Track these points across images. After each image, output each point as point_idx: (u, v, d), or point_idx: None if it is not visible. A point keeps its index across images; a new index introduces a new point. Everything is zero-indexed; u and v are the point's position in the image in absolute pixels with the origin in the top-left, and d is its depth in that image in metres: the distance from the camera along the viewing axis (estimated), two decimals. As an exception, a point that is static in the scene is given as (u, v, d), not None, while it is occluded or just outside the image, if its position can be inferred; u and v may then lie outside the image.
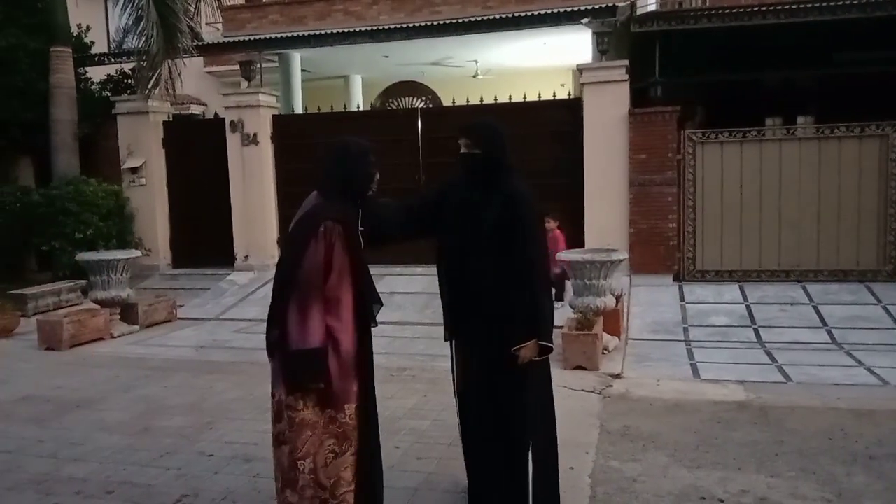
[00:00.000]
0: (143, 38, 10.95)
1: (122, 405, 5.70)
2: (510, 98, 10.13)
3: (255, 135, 10.92)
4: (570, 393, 5.71)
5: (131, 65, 12.44)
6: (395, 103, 17.36)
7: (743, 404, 5.42)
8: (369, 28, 12.13)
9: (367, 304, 3.08)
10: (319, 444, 2.96)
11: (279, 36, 12.76)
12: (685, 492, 3.91)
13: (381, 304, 3.22)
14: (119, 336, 8.40)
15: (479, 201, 3.36)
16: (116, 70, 13.09)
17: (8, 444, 4.83)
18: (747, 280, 9.03)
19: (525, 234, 3.29)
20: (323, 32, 12.40)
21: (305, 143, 10.29)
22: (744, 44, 9.95)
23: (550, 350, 3.23)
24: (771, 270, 9.05)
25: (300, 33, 12.66)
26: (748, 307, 8.29)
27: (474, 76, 16.02)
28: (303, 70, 14.34)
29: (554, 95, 10.29)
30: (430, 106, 15.85)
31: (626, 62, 9.54)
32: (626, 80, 9.47)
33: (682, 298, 8.70)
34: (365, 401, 3.07)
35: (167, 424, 5.17)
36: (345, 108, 12.70)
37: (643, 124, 9.37)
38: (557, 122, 9.88)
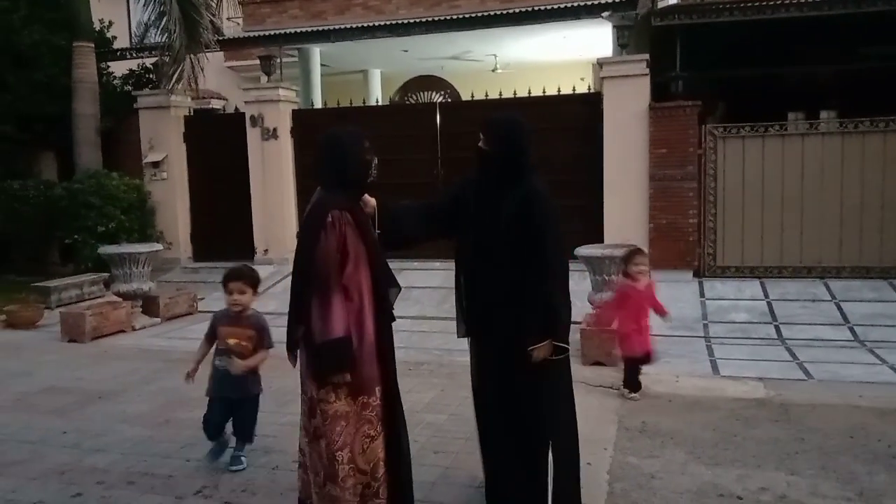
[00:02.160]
0: (166, 34, 11.03)
1: (143, 397, 5.77)
2: (529, 92, 10.11)
3: (274, 129, 10.97)
4: (588, 389, 5.70)
5: (153, 60, 12.55)
6: (414, 98, 17.35)
7: (763, 401, 5.37)
8: (388, 22, 12.13)
9: (384, 289, 3.10)
10: (355, 432, 3.00)
11: (299, 30, 12.79)
12: (703, 489, 3.90)
13: (399, 288, 3.25)
14: (140, 328, 8.50)
15: (495, 198, 3.34)
16: (138, 65, 13.21)
17: (32, 435, 4.90)
18: (768, 276, 8.94)
19: (541, 233, 3.25)
20: (342, 27, 12.41)
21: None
22: (766, 38, 9.84)
23: (566, 350, 3.19)
24: (792, 267, 8.96)
25: (320, 28, 12.68)
26: (769, 303, 8.22)
27: (493, 70, 15.97)
28: (322, 64, 14.37)
29: (573, 90, 10.22)
30: (449, 100, 15.84)
31: (647, 56, 9.46)
32: (646, 75, 9.40)
33: (702, 294, 8.64)
34: (390, 382, 3.11)
35: (188, 416, 5.22)
36: (364, 102, 12.68)
37: (664, 119, 9.30)
38: (577, 117, 9.83)
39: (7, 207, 11.27)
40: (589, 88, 10.84)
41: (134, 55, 13.17)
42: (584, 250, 6.93)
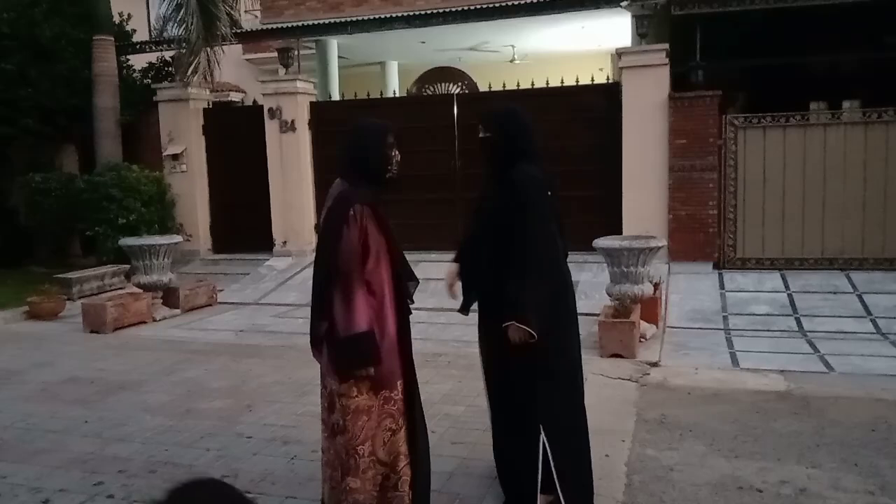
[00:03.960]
0: (183, 26, 11.08)
1: (164, 387, 5.82)
2: (547, 83, 10.04)
3: (292, 121, 11.01)
4: (606, 381, 5.68)
5: (172, 53, 12.60)
6: (431, 89, 17.33)
7: (783, 394, 5.33)
8: (406, 14, 12.10)
9: (404, 283, 3.11)
10: (377, 426, 3.00)
11: (316, 22, 12.80)
12: (722, 481, 3.87)
13: (418, 282, 3.26)
14: (161, 319, 8.58)
15: (490, 185, 3.52)
16: (157, 58, 13.27)
17: (55, 424, 4.97)
18: (789, 268, 8.85)
19: (520, 217, 3.29)
20: (360, 19, 12.40)
21: (342, 129, 10.29)
22: (788, 26, 9.70)
23: (533, 336, 3.16)
24: (814, 258, 8.86)
25: (337, 20, 12.68)
26: (790, 296, 8.14)
27: (511, 61, 15.90)
28: (339, 57, 14.38)
29: (592, 80, 10.15)
30: (466, 92, 15.79)
31: (666, 46, 9.37)
32: (665, 64, 9.31)
33: (721, 286, 8.57)
34: (410, 375, 3.12)
35: (208, 407, 5.27)
36: (381, 94, 12.70)
37: (683, 109, 9.22)
38: (595, 107, 9.77)
39: (30, 200, 11.40)
40: (608, 79, 10.78)
41: (153, 48, 13.21)
42: (602, 242, 6.89)
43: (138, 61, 13.41)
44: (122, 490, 3.86)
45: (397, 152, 3.16)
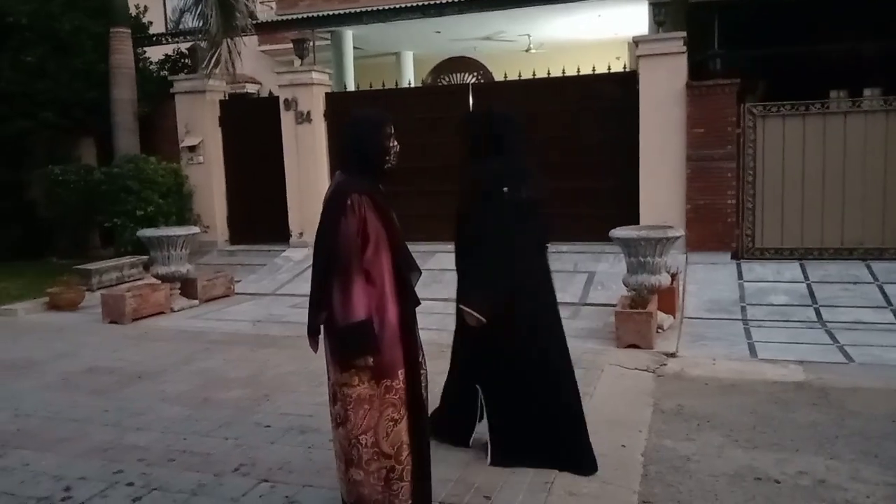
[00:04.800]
0: (202, 18, 11.11)
1: (182, 377, 5.87)
2: (563, 72, 9.99)
3: (308, 112, 11.02)
4: (623, 371, 5.66)
5: (188, 45, 12.65)
6: (447, 79, 17.28)
7: (802, 385, 5.29)
8: (421, 3, 12.06)
9: (406, 273, 3.11)
10: (379, 416, 3.00)
11: (332, 13, 12.79)
12: (740, 472, 3.85)
13: (420, 272, 3.27)
14: (179, 310, 8.64)
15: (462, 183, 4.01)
16: (174, 50, 13.33)
17: (75, 414, 5.03)
18: (808, 258, 8.76)
19: (476, 210, 3.70)
20: (375, 9, 12.38)
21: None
22: (807, 14, 9.57)
23: (474, 317, 3.56)
24: (833, 248, 8.76)
25: (352, 10, 12.67)
26: (809, 286, 8.06)
27: (527, 50, 15.82)
28: (355, 47, 14.37)
29: (608, 69, 10.08)
30: (482, 81, 15.74)
31: (684, 34, 9.27)
32: (683, 53, 9.22)
33: (740, 276, 8.50)
34: (412, 365, 3.11)
35: (225, 396, 5.31)
36: (396, 84, 12.67)
37: (701, 98, 9.13)
38: (612, 96, 9.69)
39: (49, 192, 11.50)
40: (624, 67, 10.68)
41: (169, 40, 13.26)
42: (619, 232, 6.84)
43: (155, 53, 13.48)
44: (142, 478, 3.90)
45: (396, 143, 3.16)
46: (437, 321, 7.63)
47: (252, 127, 11.61)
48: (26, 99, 11.36)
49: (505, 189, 3.66)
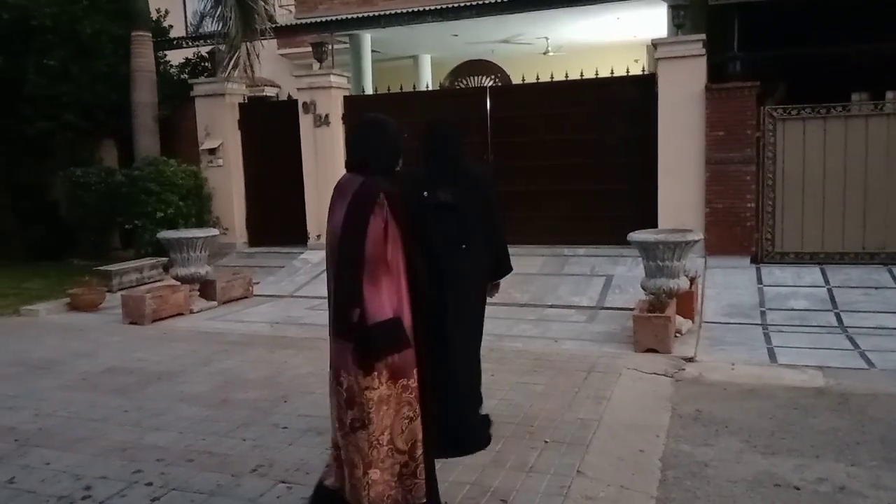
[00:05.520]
0: (221, 21, 11.20)
1: (201, 378, 5.91)
2: (581, 74, 9.96)
3: (326, 115, 11.08)
4: (640, 376, 5.63)
5: (208, 48, 12.76)
6: (464, 82, 17.29)
7: (822, 390, 5.24)
8: (439, 7, 12.09)
9: (417, 273, 3.13)
10: (395, 415, 3.03)
11: (350, 17, 12.86)
12: (759, 478, 3.82)
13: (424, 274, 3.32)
14: (198, 311, 8.70)
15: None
16: (194, 53, 13.45)
17: (95, 413, 5.08)
18: (829, 262, 8.67)
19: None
20: (393, 12, 12.43)
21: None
22: (828, 15, 9.47)
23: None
24: (854, 253, 8.67)
25: (370, 14, 12.73)
26: (829, 290, 7.98)
27: (545, 53, 15.80)
28: (373, 51, 14.43)
29: (627, 71, 10.04)
30: (500, 84, 15.73)
31: (703, 36, 9.22)
32: (702, 55, 9.17)
33: (759, 281, 8.43)
34: (423, 363, 3.14)
35: (244, 397, 5.34)
36: (414, 87, 12.69)
37: (721, 100, 9.07)
38: (630, 99, 9.66)
39: (70, 194, 11.64)
40: (643, 70, 10.65)
41: (189, 44, 13.38)
42: (637, 235, 6.82)
43: (175, 57, 13.60)
44: (161, 478, 3.93)
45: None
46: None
47: (271, 130, 11.68)
48: (49, 101, 11.50)
49: (424, 193, 4.10)
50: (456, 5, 12.03)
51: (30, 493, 3.82)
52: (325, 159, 11.13)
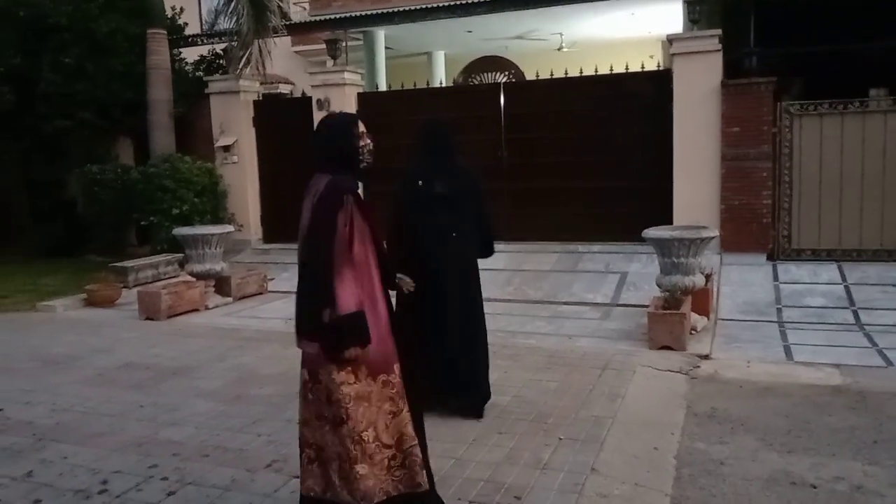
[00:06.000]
0: (234, 18, 11.24)
1: (216, 373, 5.95)
2: (596, 70, 9.91)
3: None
4: (655, 373, 5.61)
5: (223, 46, 12.80)
6: (478, 79, 17.25)
7: (839, 388, 5.19)
8: (452, 3, 12.07)
9: (389, 268, 3.17)
10: (378, 411, 3.02)
11: (364, 14, 12.86)
12: (775, 476, 3.80)
13: (396, 272, 3.40)
14: (213, 307, 8.75)
15: None
16: (209, 51, 13.50)
17: (111, 409, 5.12)
18: (846, 259, 8.59)
19: (397, 196, 4.78)
20: (406, 9, 12.41)
21: (389, 120, 10.35)
22: (845, 10, 9.38)
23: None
24: (872, 250, 8.58)
25: (384, 10, 12.72)
26: (847, 288, 7.91)
27: (559, 49, 15.73)
28: (386, 47, 14.42)
29: (642, 67, 9.98)
30: (514, 80, 15.69)
31: (719, 32, 9.15)
32: (718, 51, 9.09)
33: (775, 278, 8.37)
34: (406, 358, 3.13)
35: (258, 393, 5.37)
36: (427, 84, 12.69)
37: (737, 96, 9.00)
38: (645, 95, 9.60)
39: (87, 191, 11.73)
40: (658, 66, 10.58)
41: (204, 41, 13.42)
42: (652, 232, 6.78)
43: (190, 54, 13.66)
44: (176, 473, 3.96)
45: (369, 141, 3.24)
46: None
47: (285, 127, 11.70)
48: (64, 99, 11.58)
49: (420, 183, 4.60)
50: (470, 1, 12.00)
51: (48, 486, 3.86)
52: (338, 156, 11.11)
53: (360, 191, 3.15)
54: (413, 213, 4.60)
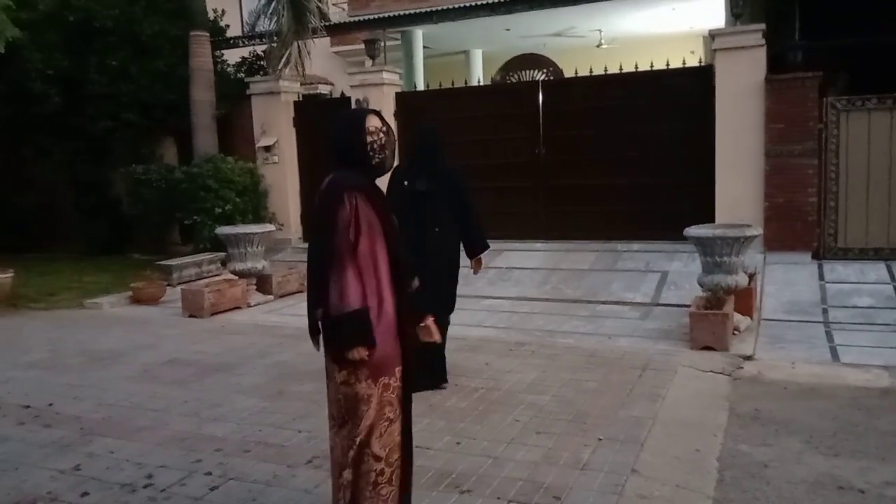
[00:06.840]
0: (274, 19, 11.37)
1: (257, 370, 6.03)
2: (636, 67, 9.79)
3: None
4: (697, 374, 5.53)
5: (264, 47, 12.96)
6: (516, 77, 17.15)
7: (888, 390, 5.06)
8: (490, 1, 12.03)
9: (402, 267, 3.01)
10: (377, 415, 2.91)
11: (402, 13, 12.90)
12: (821, 480, 3.71)
13: (415, 276, 3.17)
14: (255, 305, 8.87)
15: None
16: (250, 52, 13.66)
17: (156, 404, 5.22)
18: (895, 258, 8.37)
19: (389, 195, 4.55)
20: (444, 8, 12.41)
21: (428, 119, 10.37)
22: (892, 1, 9.11)
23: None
24: (923, 248, 8.34)
25: (422, 10, 12.74)
26: (895, 287, 7.70)
27: (598, 46, 15.59)
28: (424, 47, 14.45)
29: (683, 63, 9.83)
30: (552, 78, 15.58)
31: (763, 26, 8.97)
32: (762, 45, 8.91)
33: (821, 277, 8.18)
34: (408, 361, 3.03)
35: (299, 389, 5.43)
36: (465, 83, 12.67)
37: (781, 92, 8.81)
38: (687, 91, 9.45)
39: (131, 190, 11.96)
40: (700, 62, 10.42)
41: (245, 43, 13.60)
42: (694, 230, 6.67)
43: (232, 56, 13.85)
44: (219, 468, 4.02)
45: (382, 136, 3.05)
46: (504, 319, 7.64)
47: (325, 127, 11.76)
48: (110, 100, 11.84)
49: (405, 182, 5.01)
50: (508, -1, 11.95)
51: (95, 479, 3.95)
52: (377, 155, 11.16)
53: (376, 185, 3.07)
54: (399, 210, 4.65)
